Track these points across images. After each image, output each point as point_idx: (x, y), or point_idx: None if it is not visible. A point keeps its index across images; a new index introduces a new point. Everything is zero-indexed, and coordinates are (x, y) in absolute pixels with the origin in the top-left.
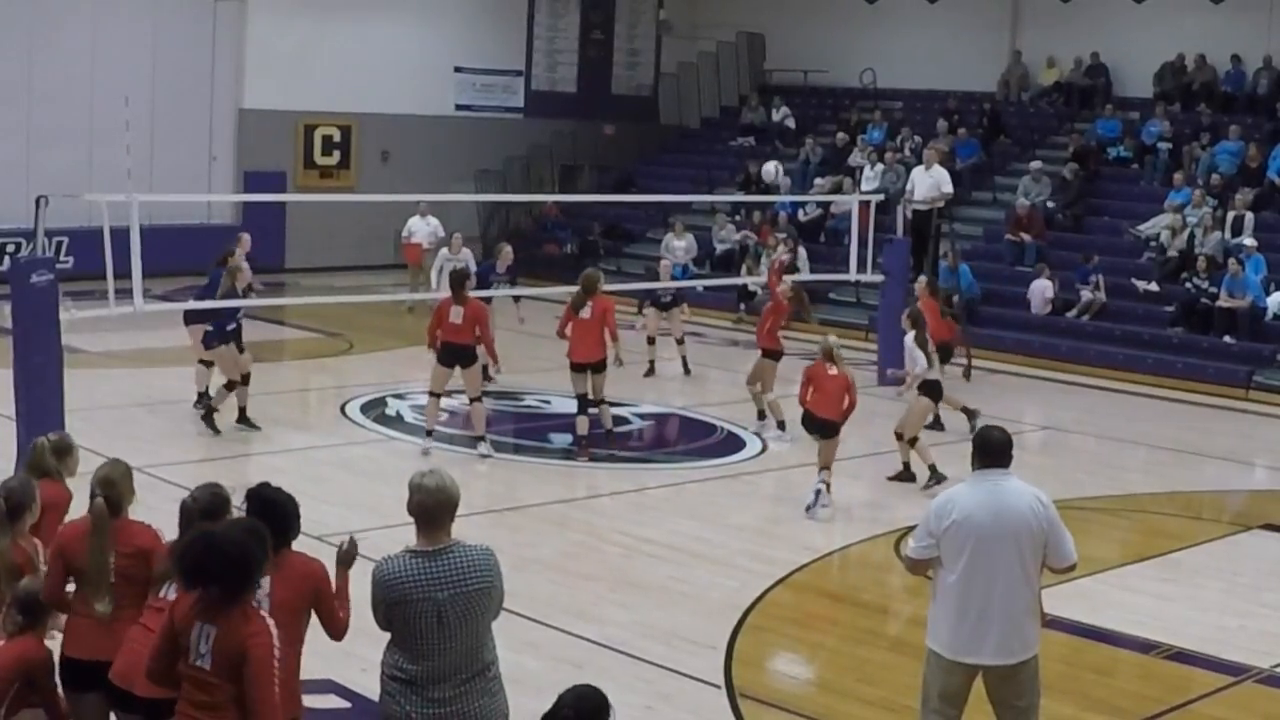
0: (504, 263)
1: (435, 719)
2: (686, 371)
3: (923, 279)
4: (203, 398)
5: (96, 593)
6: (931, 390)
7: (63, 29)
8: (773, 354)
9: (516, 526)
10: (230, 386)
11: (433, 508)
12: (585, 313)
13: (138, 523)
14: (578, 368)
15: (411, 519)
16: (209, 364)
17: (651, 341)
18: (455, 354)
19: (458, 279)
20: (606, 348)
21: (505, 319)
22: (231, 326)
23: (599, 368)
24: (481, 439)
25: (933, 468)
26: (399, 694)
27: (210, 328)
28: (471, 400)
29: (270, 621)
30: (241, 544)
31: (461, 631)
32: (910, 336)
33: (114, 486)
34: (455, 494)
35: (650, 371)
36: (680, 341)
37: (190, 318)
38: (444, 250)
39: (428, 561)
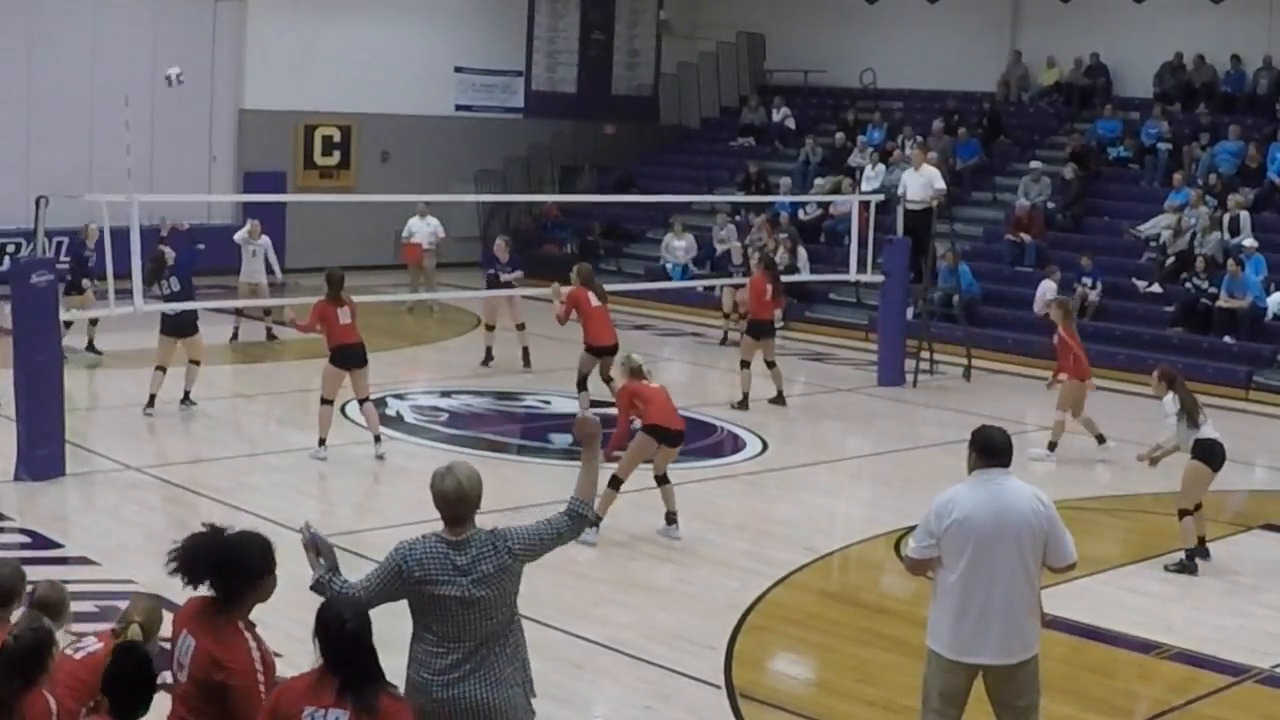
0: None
1: (449, 696)
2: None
3: (757, 255)
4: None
5: None
6: (1207, 453)
7: (63, 29)
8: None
9: None
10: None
11: (454, 504)
12: (595, 300)
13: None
14: (602, 351)
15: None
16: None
17: (746, 365)
18: (352, 355)
19: (338, 279)
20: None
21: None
22: None
23: (615, 350)
24: (378, 439)
25: (1201, 540)
26: (417, 664)
27: None
28: (363, 402)
29: (260, 649)
30: (243, 550)
31: (482, 616)
32: (1169, 399)
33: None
34: (475, 490)
35: (744, 403)
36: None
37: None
38: (242, 232)
39: (454, 549)
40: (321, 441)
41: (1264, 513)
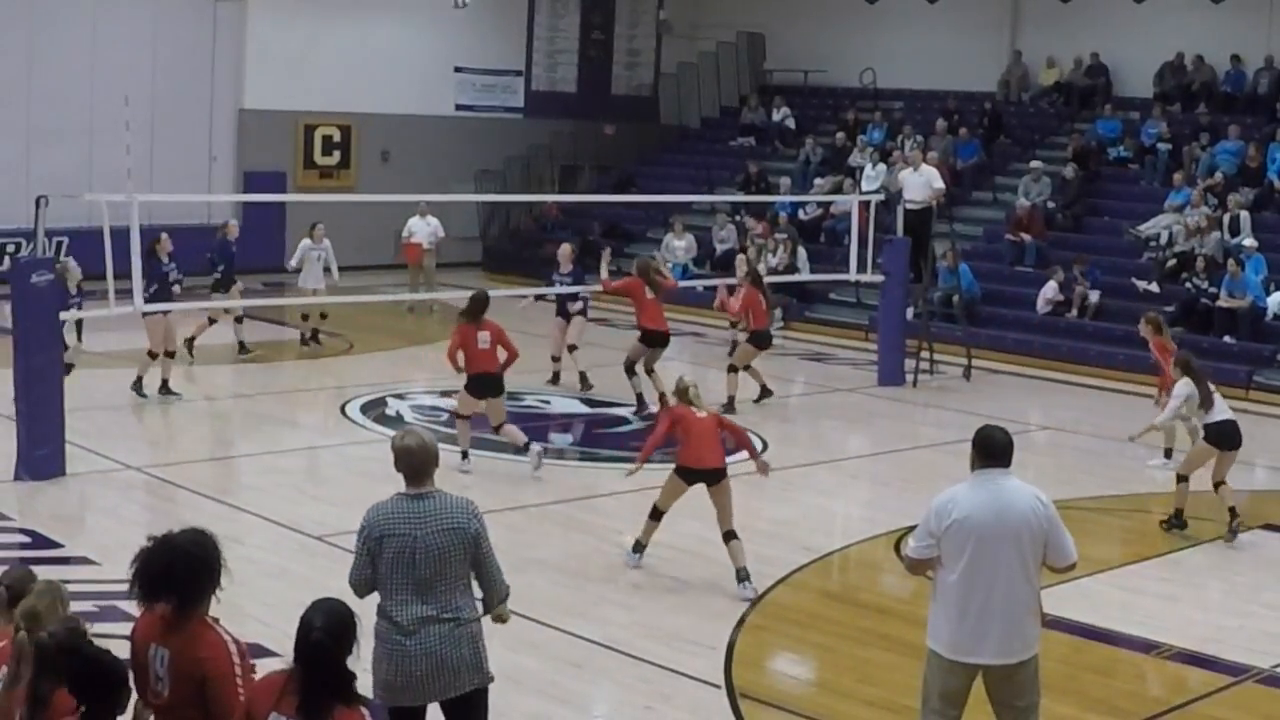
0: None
1: (400, 644)
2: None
3: (745, 264)
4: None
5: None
6: (1218, 435)
7: (63, 29)
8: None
9: (516, 526)
10: (153, 356)
11: (414, 463)
12: (649, 294)
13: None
14: (654, 339)
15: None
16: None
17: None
18: (488, 384)
19: (480, 302)
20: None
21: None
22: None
23: (667, 341)
24: (527, 446)
25: (1232, 511)
26: (381, 615)
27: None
28: (499, 427)
29: (228, 636)
30: (190, 552)
31: (432, 567)
32: (1182, 383)
33: (39, 620)
34: (434, 449)
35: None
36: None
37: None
38: (306, 241)
39: (412, 502)
40: (464, 455)
41: (1264, 513)
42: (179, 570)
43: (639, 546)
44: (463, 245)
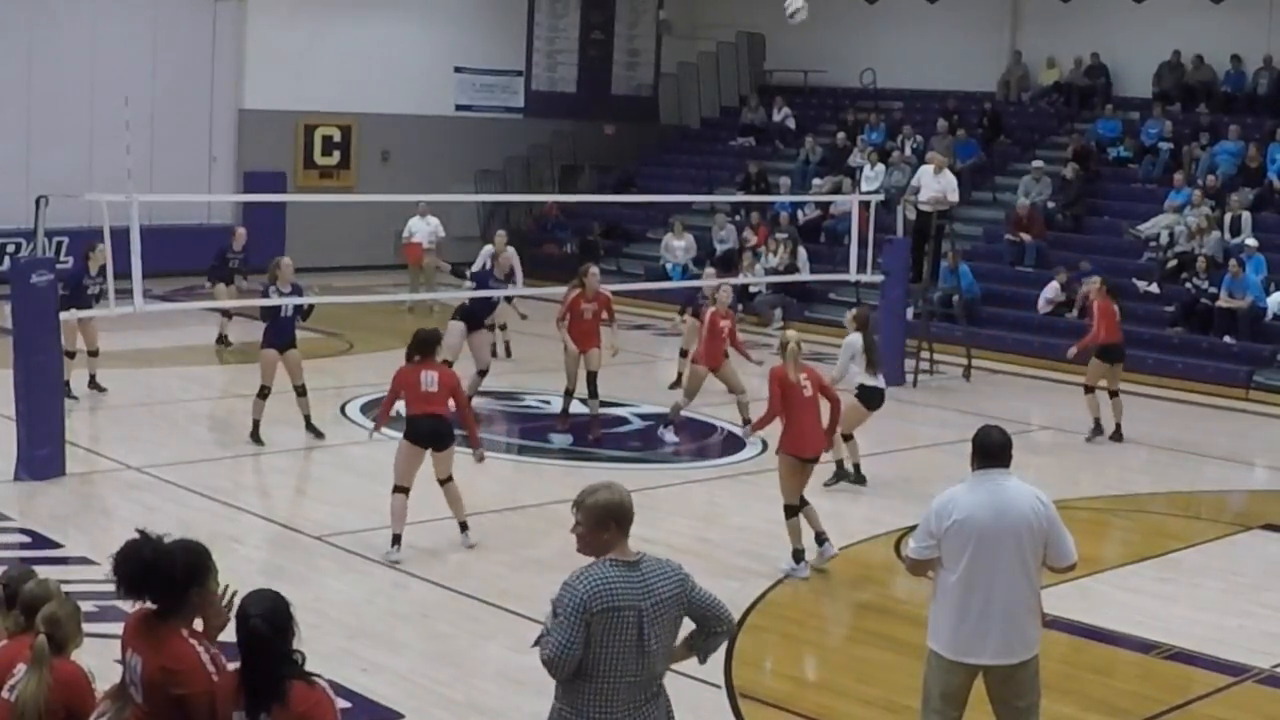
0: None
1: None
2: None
3: (1100, 281)
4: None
5: None
6: (868, 396)
7: (63, 29)
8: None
9: (516, 526)
10: (70, 356)
11: (627, 518)
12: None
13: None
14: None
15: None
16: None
17: (684, 354)
18: (432, 431)
19: (429, 341)
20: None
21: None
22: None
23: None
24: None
25: (856, 468)
26: (580, 704)
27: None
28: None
29: (201, 648)
30: (173, 553)
31: (656, 641)
32: (855, 338)
33: (60, 626)
34: (631, 504)
35: (678, 383)
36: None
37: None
38: (488, 247)
39: (630, 570)
40: (396, 539)
41: (1264, 513)
42: (137, 575)
43: (798, 555)
44: (463, 245)
